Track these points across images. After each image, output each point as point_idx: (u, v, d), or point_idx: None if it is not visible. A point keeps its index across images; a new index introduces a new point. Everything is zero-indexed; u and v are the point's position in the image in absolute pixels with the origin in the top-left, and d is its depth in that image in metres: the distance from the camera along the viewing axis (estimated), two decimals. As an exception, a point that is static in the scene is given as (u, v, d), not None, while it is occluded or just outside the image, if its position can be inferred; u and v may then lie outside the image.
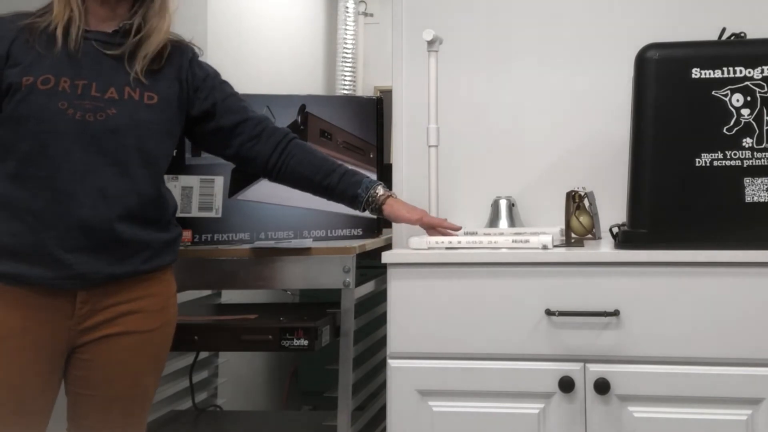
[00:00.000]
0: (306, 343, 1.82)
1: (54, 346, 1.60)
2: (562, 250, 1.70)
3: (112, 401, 1.65)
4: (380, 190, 1.81)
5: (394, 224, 2.21)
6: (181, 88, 1.72)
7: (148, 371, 1.69)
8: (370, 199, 1.80)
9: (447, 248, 1.74)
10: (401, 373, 1.69)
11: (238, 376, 2.92)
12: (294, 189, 1.84)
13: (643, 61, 1.69)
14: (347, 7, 4.11)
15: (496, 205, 2.09)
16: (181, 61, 1.74)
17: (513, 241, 1.73)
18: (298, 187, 1.84)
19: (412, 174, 2.20)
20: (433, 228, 1.81)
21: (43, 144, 1.57)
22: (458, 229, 1.83)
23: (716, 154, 1.65)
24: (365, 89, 4.16)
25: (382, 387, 2.19)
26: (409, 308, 1.70)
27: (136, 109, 1.64)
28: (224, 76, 1.84)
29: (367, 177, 1.82)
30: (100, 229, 1.58)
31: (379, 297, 2.08)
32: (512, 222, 2.07)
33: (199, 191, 2.04)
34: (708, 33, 1.90)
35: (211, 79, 1.78)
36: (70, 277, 1.57)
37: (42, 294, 1.57)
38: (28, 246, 1.56)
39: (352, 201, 1.81)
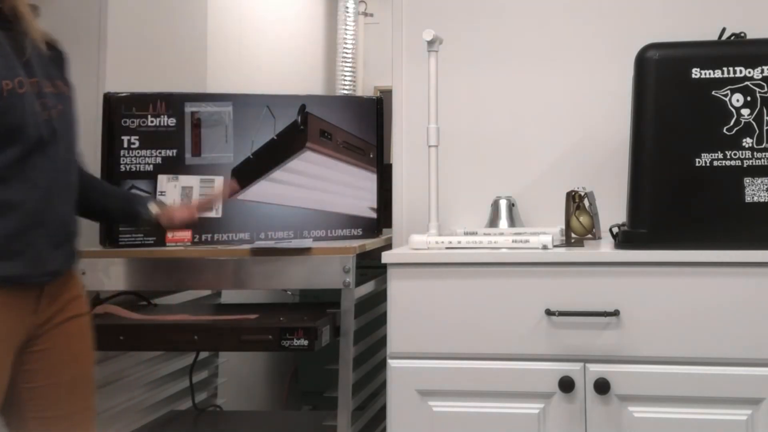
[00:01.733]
0: (306, 343, 1.81)
1: (19, 343, 1.62)
2: (562, 250, 1.70)
3: (74, 385, 1.67)
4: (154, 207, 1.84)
5: (394, 224, 2.22)
6: None
7: (91, 352, 1.73)
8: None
9: (447, 248, 1.74)
10: (401, 373, 1.69)
11: (238, 376, 2.92)
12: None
13: (643, 61, 1.69)
14: (347, 7, 4.11)
15: (496, 205, 2.09)
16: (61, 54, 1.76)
17: (513, 241, 1.73)
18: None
19: (412, 174, 2.20)
20: (199, 207, 1.86)
21: (26, 145, 1.57)
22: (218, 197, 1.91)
23: (716, 154, 1.65)
24: (365, 89, 4.16)
25: (382, 387, 2.19)
26: (409, 308, 1.70)
27: (67, 101, 1.67)
28: (224, 76, 1.84)
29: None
30: (69, 223, 1.64)
31: (379, 297, 2.08)
32: (512, 222, 2.07)
33: (199, 191, 2.04)
34: (708, 33, 1.90)
35: None
36: (44, 273, 1.60)
37: (14, 291, 1.58)
38: (18, 245, 1.56)
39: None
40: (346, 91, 4.07)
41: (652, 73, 1.68)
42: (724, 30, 1.89)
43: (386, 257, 1.71)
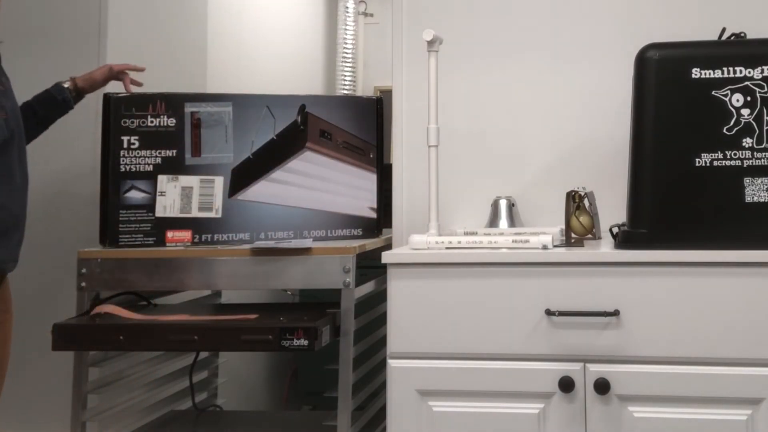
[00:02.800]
0: (306, 343, 1.81)
1: None
2: (562, 250, 1.70)
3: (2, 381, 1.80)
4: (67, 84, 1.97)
5: (394, 224, 2.22)
6: None
7: (9, 353, 1.86)
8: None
9: (447, 248, 1.74)
10: (401, 373, 1.69)
11: (238, 376, 2.92)
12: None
13: (643, 61, 1.69)
14: (347, 7, 4.11)
15: (496, 205, 2.09)
16: None
17: (513, 241, 1.73)
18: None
19: (412, 174, 2.20)
20: (121, 72, 1.99)
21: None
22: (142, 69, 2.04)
23: (716, 154, 1.65)
24: (365, 89, 4.16)
25: (382, 387, 2.19)
26: (409, 308, 1.70)
27: (12, 96, 1.78)
28: (224, 76, 1.85)
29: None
30: (24, 214, 1.81)
31: (379, 297, 2.08)
32: (512, 222, 2.07)
33: (199, 191, 2.04)
34: (708, 33, 1.90)
35: None
36: (12, 260, 1.77)
37: None
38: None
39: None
40: (346, 91, 4.07)
41: (652, 73, 1.68)
42: (724, 30, 1.89)
43: (386, 257, 1.71)
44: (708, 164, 1.65)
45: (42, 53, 2.30)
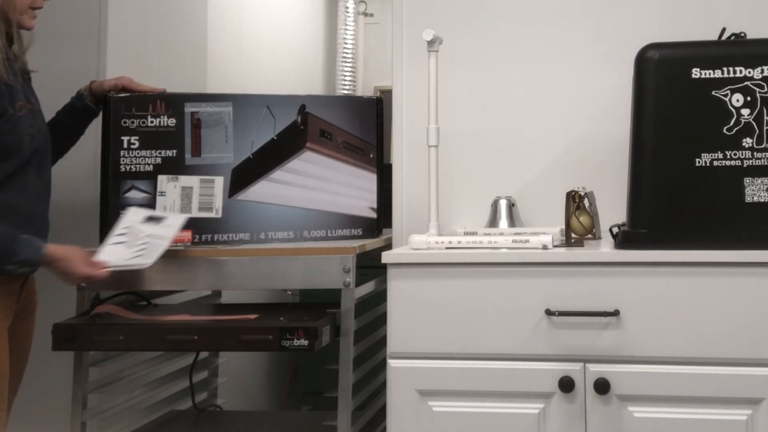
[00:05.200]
0: (306, 343, 1.81)
1: (8, 325, 1.79)
2: (562, 250, 1.70)
3: (18, 377, 1.86)
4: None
5: (394, 224, 2.22)
6: None
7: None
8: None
9: (447, 248, 1.74)
10: (401, 373, 1.69)
11: (238, 376, 2.92)
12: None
13: (643, 61, 1.69)
14: (347, 7, 4.11)
15: (496, 205, 2.09)
16: None
17: (513, 241, 1.73)
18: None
19: (412, 174, 2.20)
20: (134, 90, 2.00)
21: (23, 159, 1.81)
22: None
23: (716, 154, 1.65)
24: (365, 89, 4.16)
25: (382, 387, 2.19)
26: (409, 308, 1.70)
27: (41, 116, 1.88)
28: (224, 76, 1.86)
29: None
30: (47, 221, 1.89)
31: (379, 297, 2.08)
32: (512, 222, 2.07)
33: (199, 191, 2.04)
34: (708, 33, 1.90)
35: None
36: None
37: (5, 279, 1.77)
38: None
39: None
40: (346, 91, 4.07)
41: (652, 73, 1.68)
42: (724, 30, 1.89)
43: (386, 257, 1.72)
44: (708, 164, 1.65)
45: (42, 53, 2.30)
